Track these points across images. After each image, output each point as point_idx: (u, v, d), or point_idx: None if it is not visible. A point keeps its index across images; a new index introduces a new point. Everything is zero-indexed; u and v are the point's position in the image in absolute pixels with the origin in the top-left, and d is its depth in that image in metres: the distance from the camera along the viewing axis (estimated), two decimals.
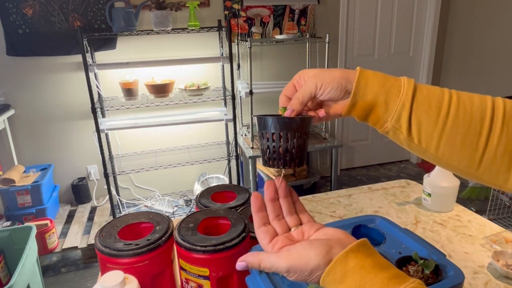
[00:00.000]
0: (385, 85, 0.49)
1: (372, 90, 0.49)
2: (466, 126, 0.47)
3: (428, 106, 0.48)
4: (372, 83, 0.49)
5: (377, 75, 0.50)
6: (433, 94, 0.49)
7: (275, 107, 3.28)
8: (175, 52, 2.89)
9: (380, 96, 0.49)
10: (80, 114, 2.84)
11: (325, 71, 0.52)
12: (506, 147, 0.46)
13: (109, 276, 0.67)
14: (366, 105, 0.50)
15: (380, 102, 0.49)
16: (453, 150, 0.48)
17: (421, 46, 3.57)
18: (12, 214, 2.45)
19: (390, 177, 3.55)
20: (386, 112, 0.49)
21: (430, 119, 0.48)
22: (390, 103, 0.49)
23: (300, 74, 0.54)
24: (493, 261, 0.86)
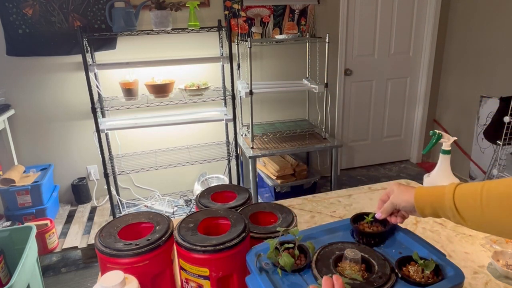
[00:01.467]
0: (434, 203, 0.70)
1: (427, 205, 0.71)
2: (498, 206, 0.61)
3: (466, 203, 0.65)
4: (425, 200, 0.72)
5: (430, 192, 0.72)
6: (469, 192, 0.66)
7: (275, 107, 3.28)
8: (175, 52, 2.89)
9: (435, 209, 0.70)
10: (80, 114, 2.84)
11: (401, 193, 0.76)
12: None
13: (109, 276, 0.67)
14: (432, 215, 0.72)
15: (437, 213, 0.70)
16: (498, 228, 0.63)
17: (421, 46, 3.57)
18: (12, 214, 2.45)
19: (390, 177, 3.55)
20: (446, 214, 0.69)
21: (471, 211, 0.64)
22: (441, 210, 0.69)
23: (392, 187, 0.79)
24: (493, 261, 0.86)
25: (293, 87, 3.00)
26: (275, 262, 0.69)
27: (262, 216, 0.90)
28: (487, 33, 3.13)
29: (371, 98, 3.60)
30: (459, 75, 3.47)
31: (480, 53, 3.22)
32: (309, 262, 0.71)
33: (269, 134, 2.89)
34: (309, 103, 3.29)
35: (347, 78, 3.45)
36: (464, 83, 3.43)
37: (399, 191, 0.76)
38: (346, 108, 3.54)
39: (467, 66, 3.37)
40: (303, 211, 1.18)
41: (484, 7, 3.12)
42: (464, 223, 0.66)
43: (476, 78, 3.29)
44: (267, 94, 3.17)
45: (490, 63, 3.13)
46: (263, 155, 2.68)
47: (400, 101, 3.71)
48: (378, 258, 0.71)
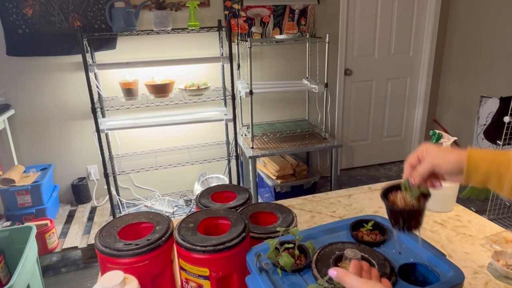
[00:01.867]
0: (494, 162, 0.60)
1: (483, 169, 0.60)
2: None
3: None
4: (481, 163, 0.60)
5: (487, 154, 0.61)
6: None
7: (275, 107, 3.28)
8: (175, 52, 2.89)
9: (491, 172, 0.60)
10: (80, 114, 2.84)
11: (444, 152, 0.64)
12: None
13: (109, 276, 0.67)
14: (479, 180, 0.61)
15: (493, 177, 0.60)
16: None
17: (421, 46, 3.57)
18: (12, 214, 2.45)
19: (390, 177, 3.55)
20: (499, 184, 0.59)
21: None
22: (502, 177, 0.59)
23: (424, 148, 0.66)
24: (493, 261, 0.86)
25: (293, 87, 3.00)
26: (275, 262, 0.69)
27: (262, 216, 0.90)
28: (487, 33, 3.13)
29: (371, 98, 3.60)
30: (459, 75, 3.47)
31: (480, 53, 3.22)
32: (309, 262, 0.71)
33: (269, 134, 2.89)
34: (309, 103, 3.29)
35: (347, 78, 3.44)
36: (464, 83, 3.43)
37: (440, 151, 0.64)
38: (346, 108, 3.54)
39: (467, 66, 3.37)
40: (303, 211, 1.18)
41: (484, 7, 3.12)
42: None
43: (476, 78, 3.29)
44: (267, 94, 3.16)
45: (490, 63, 3.13)
46: (263, 155, 2.68)
47: (400, 101, 3.71)
48: (378, 258, 0.71)
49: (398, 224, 0.67)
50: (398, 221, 0.67)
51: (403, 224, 0.66)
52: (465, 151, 0.62)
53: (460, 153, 0.62)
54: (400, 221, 0.67)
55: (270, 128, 3.02)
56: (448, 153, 0.63)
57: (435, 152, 0.64)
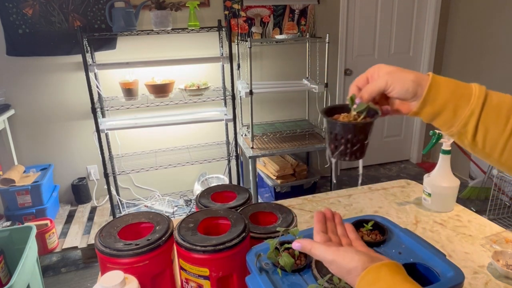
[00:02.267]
0: (456, 92, 0.52)
1: (443, 96, 0.52)
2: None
3: (497, 114, 0.50)
4: (443, 89, 0.53)
5: (449, 82, 0.53)
6: (503, 102, 0.51)
7: (275, 107, 3.28)
8: (175, 52, 2.89)
9: (450, 102, 0.52)
10: (80, 114, 2.84)
11: (400, 71, 0.54)
12: None
13: (109, 276, 0.67)
14: (434, 110, 0.53)
15: (449, 108, 0.52)
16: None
17: (421, 46, 3.57)
18: (12, 214, 2.45)
19: (390, 177, 3.55)
20: (454, 118, 0.52)
21: (497, 127, 0.50)
22: (459, 109, 0.52)
23: (376, 67, 0.57)
24: (493, 261, 0.86)
25: (293, 87, 3.00)
26: (275, 262, 0.69)
27: (262, 216, 0.90)
28: (487, 33, 3.13)
29: None
30: (459, 75, 3.47)
31: (480, 53, 3.22)
32: (309, 262, 0.71)
33: (269, 134, 2.89)
34: (309, 103, 3.29)
35: (347, 78, 3.44)
36: None
37: (395, 69, 0.55)
38: None
39: (467, 66, 3.37)
40: (303, 211, 1.18)
41: (484, 7, 3.12)
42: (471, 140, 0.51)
43: (476, 78, 3.29)
44: (267, 94, 3.16)
45: (490, 63, 3.13)
46: (263, 155, 2.68)
47: None
48: None
49: (338, 148, 0.56)
50: (339, 142, 0.56)
51: (346, 146, 0.55)
52: (426, 74, 0.54)
53: (419, 74, 0.54)
54: (342, 142, 0.55)
55: (270, 128, 3.02)
56: (404, 72, 0.54)
57: (390, 69, 0.55)
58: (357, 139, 0.55)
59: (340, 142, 0.56)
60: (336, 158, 0.57)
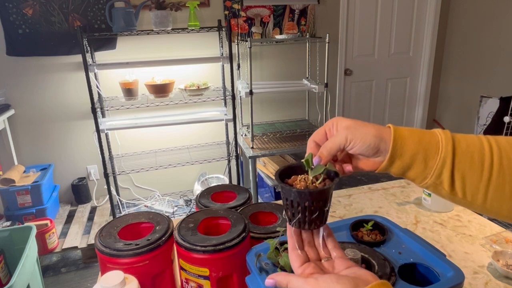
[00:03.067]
0: (422, 142, 0.49)
1: (410, 149, 0.49)
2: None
3: (471, 159, 0.47)
4: (408, 142, 0.49)
5: (412, 133, 0.50)
6: (473, 146, 0.48)
7: (275, 107, 3.28)
8: (175, 52, 2.89)
9: (419, 154, 0.48)
10: (80, 114, 2.84)
11: (359, 125, 0.50)
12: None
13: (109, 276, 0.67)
14: (404, 164, 0.49)
15: (419, 160, 0.48)
16: (502, 201, 0.47)
17: (421, 46, 3.57)
18: (12, 214, 2.45)
19: (390, 177, 3.53)
20: (425, 169, 0.48)
21: (474, 173, 0.47)
22: (430, 161, 0.48)
23: (334, 121, 0.53)
24: (493, 261, 0.86)
25: (293, 87, 3.00)
26: (275, 262, 0.69)
27: (262, 216, 0.90)
28: (487, 33, 3.13)
29: (371, 98, 3.59)
30: (459, 75, 3.47)
31: (480, 53, 3.22)
32: None
33: (269, 134, 2.89)
34: (309, 103, 3.29)
35: (347, 78, 3.44)
36: (464, 83, 3.42)
37: (355, 123, 0.50)
38: (346, 108, 3.54)
39: (467, 66, 3.37)
40: None
41: (484, 7, 3.12)
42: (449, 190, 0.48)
43: (476, 78, 3.29)
44: (267, 94, 3.16)
45: (490, 63, 3.13)
46: (263, 155, 2.68)
47: (400, 101, 3.71)
48: (378, 258, 0.71)
49: (296, 216, 0.51)
50: (296, 210, 0.50)
51: (304, 214, 0.50)
52: (387, 127, 0.50)
53: (379, 128, 0.50)
54: (299, 210, 0.50)
55: (270, 128, 3.02)
56: (364, 126, 0.50)
57: (349, 124, 0.51)
58: (315, 206, 0.50)
59: (297, 210, 0.50)
60: (294, 226, 0.52)
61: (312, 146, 0.54)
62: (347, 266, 0.48)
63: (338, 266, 0.49)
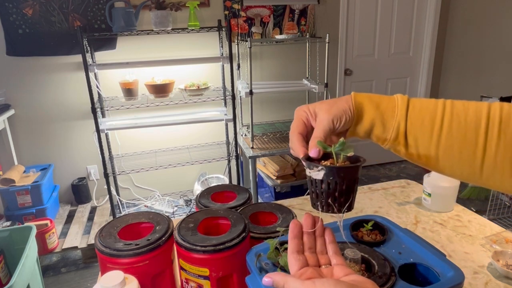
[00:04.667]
0: (380, 107, 0.52)
1: (368, 114, 0.52)
2: (461, 137, 0.48)
3: (421, 122, 0.50)
4: (367, 107, 0.53)
5: (371, 99, 0.53)
6: (426, 109, 0.51)
7: (275, 107, 3.28)
8: (175, 52, 2.89)
9: (377, 118, 0.52)
10: (80, 114, 2.84)
11: (334, 103, 0.53)
12: (505, 153, 0.46)
13: (109, 276, 0.67)
14: (365, 128, 0.53)
15: (378, 123, 0.52)
16: (452, 161, 0.49)
17: (421, 46, 3.57)
18: (12, 214, 2.45)
19: (390, 177, 3.55)
20: (384, 132, 0.52)
21: (424, 135, 0.50)
22: (387, 123, 0.52)
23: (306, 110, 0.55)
24: (493, 261, 0.86)
25: (293, 87, 3.00)
26: (275, 262, 0.69)
27: (262, 216, 0.90)
28: (487, 33, 3.13)
29: None
30: (459, 75, 3.47)
31: (480, 53, 3.22)
32: None
33: (269, 134, 2.89)
34: (309, 103, 3.29)
35: (347, 78, 3.44)
36: (464, 83, 3.42)
37: (329, 104, 0.53)
38: None
39: (467, 66, 3.37)
40: (303, 211, 1.18)
41: (484, 7, 3.12)
42: (405, 151, 0.51)
43: (476, 78, 3.29)
44: (267, 94, 3.16)
45: (490, 63, 3.13)
46: (263, 155, 2.68)
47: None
48: (378, 258, 0.71)
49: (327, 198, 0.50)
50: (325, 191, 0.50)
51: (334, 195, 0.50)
52: (348, 95, 0.54)
53: (347, 99, 0.53)
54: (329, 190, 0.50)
55: (270, 128, 3.02)
56: (337, 103, 0.53)
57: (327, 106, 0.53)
58: (346, 185, 0.50)
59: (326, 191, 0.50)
60: (323, 210, 0.52)
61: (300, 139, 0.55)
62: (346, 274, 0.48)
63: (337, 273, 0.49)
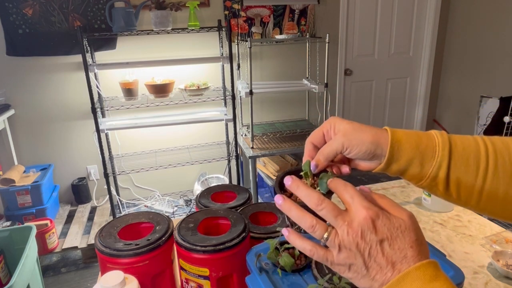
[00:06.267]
0: (420, 146, 0.49)
1: (407, 153, 0.49)
2: (508, 177, 0.46)
3: (466, 163, 0.47)
4: (405, 146, 0.49)
5: (409, 137, 0.50)
6: (469, 148, 0.48)
7: (275, 107, 3.28)
8: (175, 52, 2.89)
9: (415, 158, 0.49)
10: (80, 114, 2.84)
11: (356, 130, 0.50)
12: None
13: (109, 276, 0.67)
14: (400, 168, 0.50)
15: (415, 163, 0.49)
16: (496, 203, 0.47)
17: (421, 46, 3.57)
18: (12, 214, 2.44)
19: (390, 177, 3.54)
20: (421, 172, 0.49)
21: (469, 176, 0.47)
22: (426, 164, 0.48)
23: (332, 123, 0.52)
24: (493, 261, 0.86)
25: (293, 87, 3.00)
26: (275, 262, 0.69)
27: (262, 216, 0.90)
28: (487, 33, 3.13)
29: (371, 98, 3.59)
30: (459, 75, 3.47)
31: (480, 53, 3.22)
32: (309, 262, 0.71)
33: (269, 134, 2.89)
34: (309, 103, 3.29)
35: (347, 78, 3.44)
36: (464, 83, 3.42)
37: (352, 127, 0.50)
38: (346, 108, 3.54)
39: (467, 66, 3.37)
40: None
41: (484, 7, 3.12)
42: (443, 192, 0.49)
43: (476, 78, 3.29)
44: (267, 94, 3.16)
45: (490, 63, 3.13)
46: (263, 155, 2.68)
47: (400, 101, 3.71)
48: None
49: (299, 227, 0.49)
50: None
51: None
52: (384, 130, 0.50)
53: (376, 132, 0.50)
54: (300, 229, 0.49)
55: (270, 128, 3.02)
56: (361, 131, 0.50)
57: (346, 129, 0.50)
58: None
59: None
60: None
61: (310, 149, 0.55)
62: None
63: None
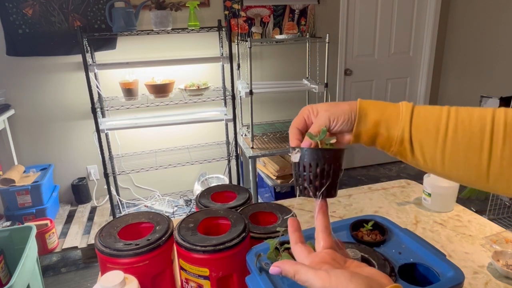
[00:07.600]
0: (385, 113, 0.54)
1: (373, 117, 0.54)
2: (466, 142, 0.49)
3: (426, 128, 0.51)
4: (371, 112, 0.54)
5: (376, 104, 0.55)
6: (431, 115, 0.52)
7: (275, 107, 3.28)
8: (175, 52, 2.89)
9: (381, 125, 0.54)
10: (80, 114, 2.84)
11: (335, 105, 0.56)
12: (511, 158, 0.47)
13: (109, 276, 0.67)
14: (369, 134, 0.54)
15: (382, 130, 0.54)
16: (458, 167, 0.50)
17: (421, 46, 3.57)
18: (12, 214, 2.44)
19: (390, 177, 3.55)
20: (389, 138, 0.53)
21: (429, 140, 0.51)
22: (391, 130, 0.53)
23: (309, 108, 0.57)
24: (493, 261, 0.86)
25: (293, 87, 3.00)
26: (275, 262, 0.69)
27: (262, 216, 0.90)
28: (487, 33, 3.13)
29: (371, 98, 3.59)
30: (459, 74, 3.47)
31: (480, 53, 3.22)
32: None
33: (269, 134, 2.89)
34: (309, 103, 3.28)
35: (347, 78, 3.44)
36: (464, 83, 3.42)
37: (329, 105, 0.56)
38: None
39: (467, 66, 3.37)
40: (303, 211, 1.18)
41: (484, 7, 3.12)
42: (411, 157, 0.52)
43: (476, 78, 3.29)
44: (267, 94, 3.16)
45: (490, 63, 3.13)
46: (263, 155, 2.68)
47: (400, 101, 3.70)
48: (378, 258, 0.71)
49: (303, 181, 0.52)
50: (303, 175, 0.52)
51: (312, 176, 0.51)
52: (356, 101, 0.56)
53: (351, 103, 0.56)
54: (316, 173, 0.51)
55: (270, 128, 3.02)
56: (339, 105, 0.56)
57: (326, 106, 0.56)
58: (331, 168, 0.53)
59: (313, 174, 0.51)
60: (307, 195, 0.53)
61: (296, 132, 0.57)
62: (358, 265, 0.46)
63: (349, 263, 0.47)
